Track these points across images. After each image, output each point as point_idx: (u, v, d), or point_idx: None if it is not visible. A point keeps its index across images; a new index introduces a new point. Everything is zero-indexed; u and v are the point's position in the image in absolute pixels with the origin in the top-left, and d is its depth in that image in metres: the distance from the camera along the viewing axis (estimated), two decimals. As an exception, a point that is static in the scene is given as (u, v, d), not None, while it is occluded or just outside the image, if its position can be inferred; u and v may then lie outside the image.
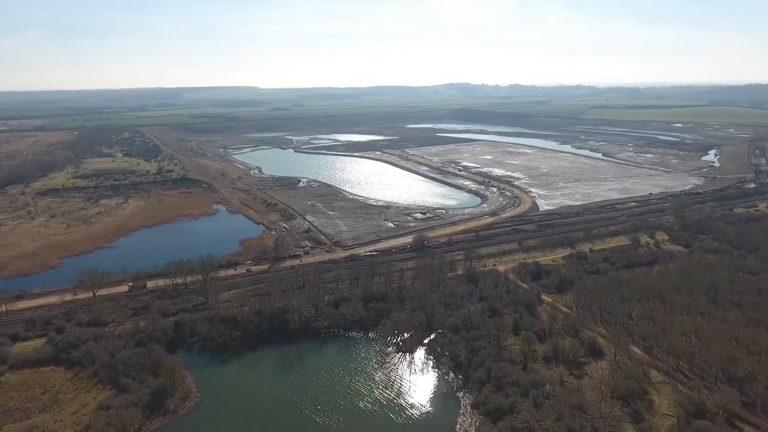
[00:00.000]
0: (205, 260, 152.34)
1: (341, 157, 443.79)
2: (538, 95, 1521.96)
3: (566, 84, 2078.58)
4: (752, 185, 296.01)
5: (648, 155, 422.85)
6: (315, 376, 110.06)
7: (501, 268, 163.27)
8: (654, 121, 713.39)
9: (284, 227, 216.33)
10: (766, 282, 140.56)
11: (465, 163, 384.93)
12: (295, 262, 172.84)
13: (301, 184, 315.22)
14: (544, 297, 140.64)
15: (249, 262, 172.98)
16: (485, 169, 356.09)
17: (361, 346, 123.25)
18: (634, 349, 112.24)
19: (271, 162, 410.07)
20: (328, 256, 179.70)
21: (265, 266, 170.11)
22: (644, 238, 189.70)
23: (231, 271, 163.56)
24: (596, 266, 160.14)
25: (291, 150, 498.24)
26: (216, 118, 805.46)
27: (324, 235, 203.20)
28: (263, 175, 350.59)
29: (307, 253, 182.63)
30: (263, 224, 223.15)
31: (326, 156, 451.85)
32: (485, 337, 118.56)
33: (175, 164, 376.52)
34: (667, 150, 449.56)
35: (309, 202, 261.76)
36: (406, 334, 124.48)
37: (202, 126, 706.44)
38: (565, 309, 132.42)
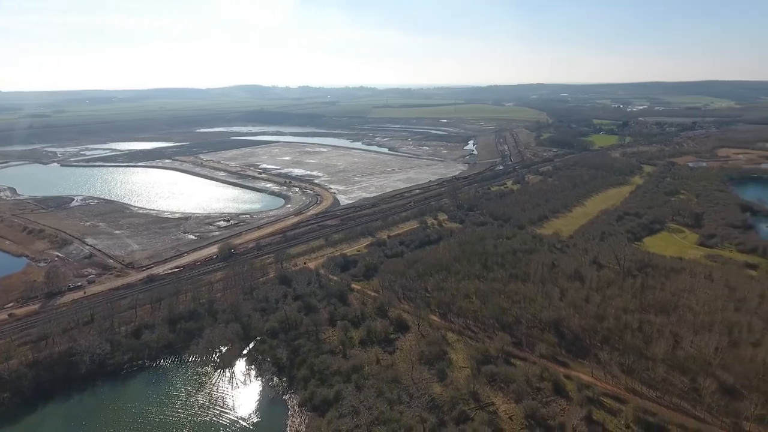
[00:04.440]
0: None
1: (124, 168, 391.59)
2: (327, 96, 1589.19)
3: (351, 85, 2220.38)
4: (501, 167, 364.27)
5: (425, 148, 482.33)
6: (120, 419, 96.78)
7: (312, 264, 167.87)
8: (426, 118, 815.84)
9: (57, 256, 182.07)
10: (519, 243, 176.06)
11: (264, 166, 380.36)
12: (78, 294, 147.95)
13: (74, 203, 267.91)
14: (353, 285, 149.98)
15: (10, 305, 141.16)
16: (285, 170, 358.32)
17: (173, 373, 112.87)
18: (433, 317, 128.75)
19: (30, 180, 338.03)
20: (120, 281, 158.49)
21: (35, 306, 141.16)
22: (430, 220, 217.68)
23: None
24: (394, 250, 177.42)
25: (55, 164, 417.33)
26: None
27: (112, 258, 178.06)
28: (19, 197, 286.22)
29: (92, 282, 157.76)
30: (26, 256, 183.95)
31: (104, 169, 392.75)
32: (304, 335, 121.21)
33: None
34: (438, 142, 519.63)
35: (88, 223, 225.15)
36: (222, 349, 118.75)
37: None
38: (373, 293, 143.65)
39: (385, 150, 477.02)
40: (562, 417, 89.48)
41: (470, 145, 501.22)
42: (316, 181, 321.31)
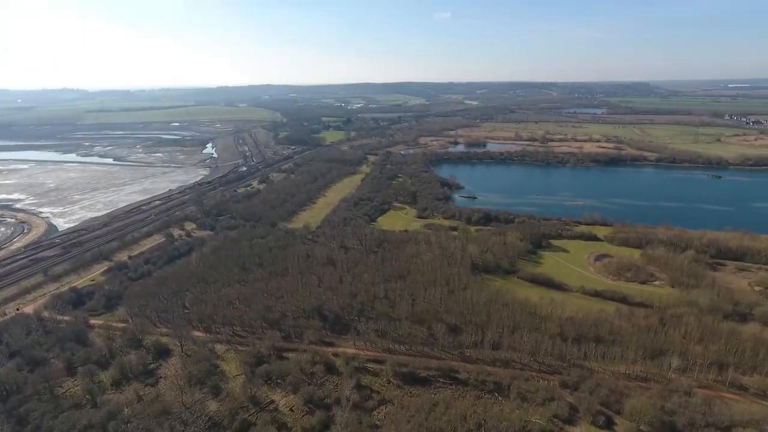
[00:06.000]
0: None
1: None
2: (18, 100, 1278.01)
3: (51, 87, 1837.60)
4: (244, 168, 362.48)
5: (158, 154, 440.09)
6: None
7: (29, 308, 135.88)
8: (155, 122, 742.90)
9: None
10: (274, 240, 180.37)
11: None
12: None
13: None
14: (93, 321, 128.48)
15: None
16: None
17: None
18: (196, 333, 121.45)
19: None
20: None
21: None
22: (177, 232, 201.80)
23: None
24: (140, 271, 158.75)
25: None
26: None
27: None
28: None
29: None
30: None
31: None
32: (33, 397, 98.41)
33: None
34: (173, 147, 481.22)
35: None
36: None
37: None
38: (120, 324, 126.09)
39: (110, 160, 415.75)
40: (336, 392, 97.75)
41: (209, 148, 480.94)
42: (18, 205, 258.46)
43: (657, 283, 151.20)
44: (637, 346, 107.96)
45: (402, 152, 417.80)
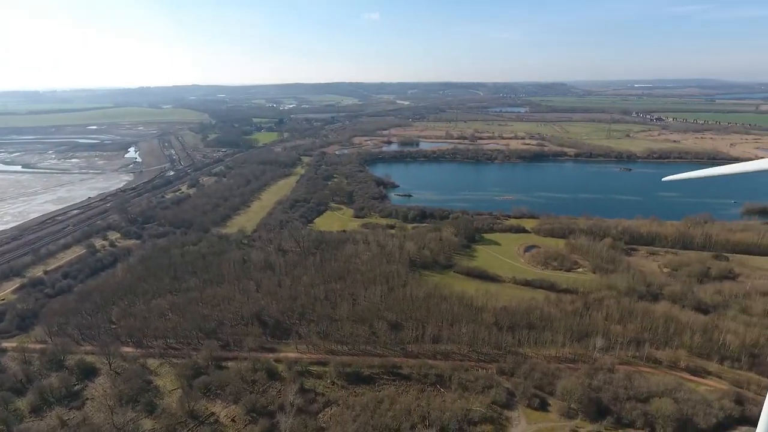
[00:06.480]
0: None
1: None
2: None
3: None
4: (172, 173, 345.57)
5: (74, 160, 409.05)
6: None
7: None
8: (69, 125, 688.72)
9: None
10: (207, 247, 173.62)
11: None
12: None
13: None
14: (5, 345, 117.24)
15: None
16: None
17: None
18: (126, 349, 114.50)
19: None
20: None
21: None
22: (99, 242, 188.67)
23: None
24: (58, 286, 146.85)
25: None
26: None
27: None
28: None
29: None
30: None
31: None
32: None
33: None
34: (91, 152, 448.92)
35: None
36: None
37: None
38: (38, 346, 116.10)
39: (18, 168, 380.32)
40: (279, 398, 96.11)
41: (132, 153, 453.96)
42: None
43: (580, 270, 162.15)
44: (566, 330, 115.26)
45: (336, 152, 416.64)
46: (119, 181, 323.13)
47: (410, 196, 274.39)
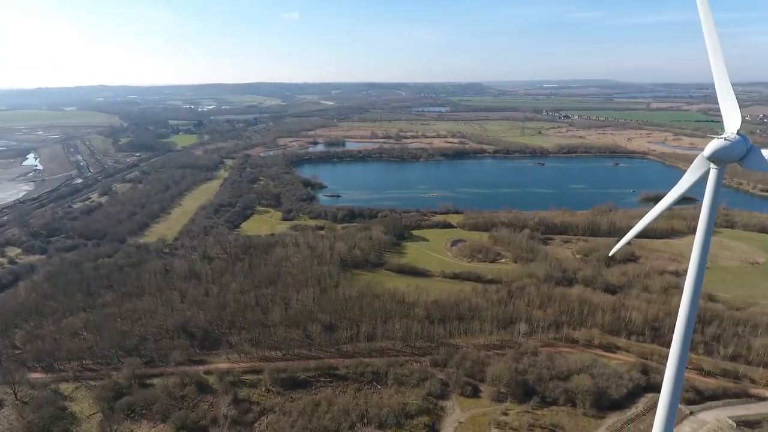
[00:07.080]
0: None
1: None
2: None
3: None
4: (80, 180, 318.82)
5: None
6: None
7: None
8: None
9: None
10: (124, 258, 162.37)
11: None
12: None
13: None
14: None
15: None
16: None
17: None
18: (34, 375, 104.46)
19: None
20: None
21: None
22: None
23: None
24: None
25: None
26: None
27: None
28: None
29: None
30: None
31: None
32: None
33: None
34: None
35: None
36: None
37: None
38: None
39: None
40: (212, 412, 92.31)
41: (32, 159, 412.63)
42: None
43: (503, 260, 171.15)
44: (492, 319, 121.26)
45: (261, 154, 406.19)
46: (17, 191, 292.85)
47: (339, 196, 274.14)
